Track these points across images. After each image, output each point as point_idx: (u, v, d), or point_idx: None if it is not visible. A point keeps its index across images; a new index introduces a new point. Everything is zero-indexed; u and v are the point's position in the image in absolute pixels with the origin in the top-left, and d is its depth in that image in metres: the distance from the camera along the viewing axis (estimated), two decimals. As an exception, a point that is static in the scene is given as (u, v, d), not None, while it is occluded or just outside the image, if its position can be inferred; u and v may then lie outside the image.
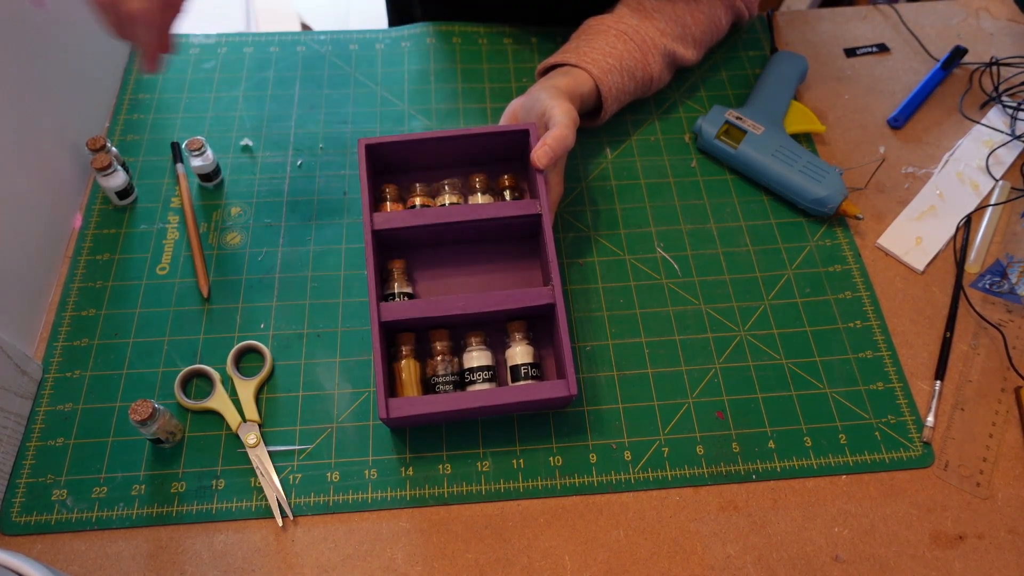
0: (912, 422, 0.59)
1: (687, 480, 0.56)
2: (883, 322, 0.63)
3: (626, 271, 0.66)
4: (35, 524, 0.53)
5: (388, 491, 0.55)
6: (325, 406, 0.59)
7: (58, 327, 0.62)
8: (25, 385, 0.57)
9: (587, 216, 0.69)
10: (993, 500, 0.56)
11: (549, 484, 0.56)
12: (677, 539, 0.54)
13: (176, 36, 0.55)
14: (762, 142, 0.69)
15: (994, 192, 0.71)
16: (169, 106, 0.75)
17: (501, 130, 0.62)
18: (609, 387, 0.60)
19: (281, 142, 0.73)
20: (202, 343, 0.61)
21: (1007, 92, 0.77)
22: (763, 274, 0.66)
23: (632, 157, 0.73)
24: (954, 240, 0.68)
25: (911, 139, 0.75)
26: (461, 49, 0.80)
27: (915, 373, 0.61)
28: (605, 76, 0.67)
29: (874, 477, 0.57)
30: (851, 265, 0.66)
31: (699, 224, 0.69)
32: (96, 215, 0.67)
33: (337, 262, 0.66)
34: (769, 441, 0.58)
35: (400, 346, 0.58)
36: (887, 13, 0.85)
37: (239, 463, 0.56)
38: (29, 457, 0.56)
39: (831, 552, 0.54)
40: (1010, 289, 0.64)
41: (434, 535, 0.54)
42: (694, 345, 0.62)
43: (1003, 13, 0.85)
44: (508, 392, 0.54)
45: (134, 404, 0.52)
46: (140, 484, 0.55)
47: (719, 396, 0.60)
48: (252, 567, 0.52)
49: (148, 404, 0.52)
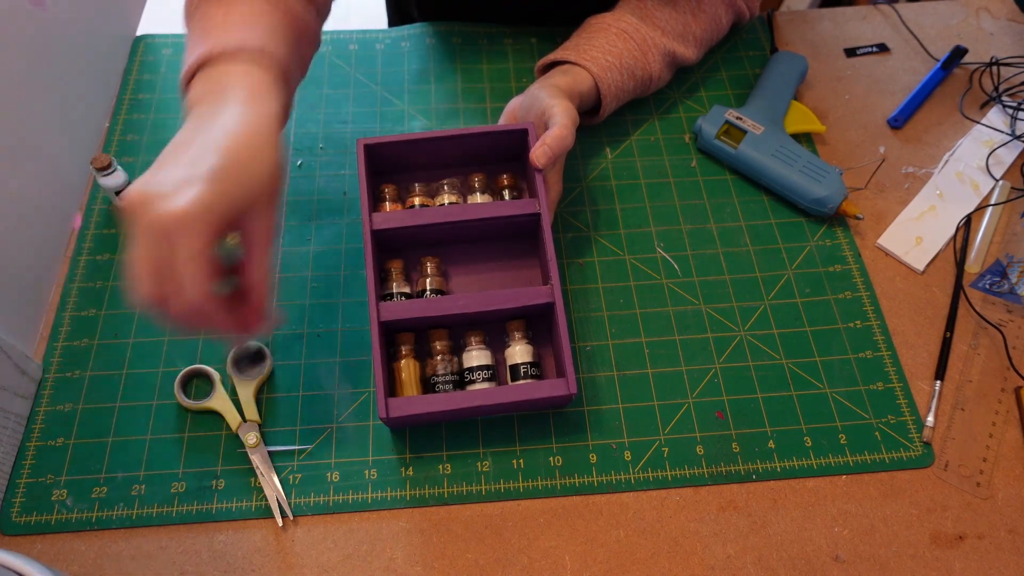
0: (912, 422, 0.59)
1: (687, 480, 0.56)
2: (883, 322, 0.63)
3: (626, 271, 0.66)
4: (35, 524, 0.53)
5: (388, 491, 0.55)
6: (325, 406, 0.59)
7: (58, 327, 0.62)
8: (25, 385, 0.57)
9: (587, 216, 0.69)
10: (993, 500, 0.56)
11: (549, 484, 0.56)
12: (677, 539, 0.54)
13: (269, 310, 0.46)
14: (762, 142, 0.69)
15: (994, 192, 0.71)
16: (169, 106, 0.75)
17: (500, 129, 0.62)
18: (609, 387, 0.60)
19: (281, 142, 0.73)
20: (202, 343, 0.61)
21: (1007, 92, 0.77)
22: (763, 274, 0.66)
23: (632, 157, 0.73)
24: (954, 240, 0.68)
25: (911, 139, 0.75)
26: (461, 49, 0.80)
27: (915, 373, 0.61)
28: (604, 74, 0.67)
29: (874, 477, 0.57)
30: (851, 265, 0.66)
31: (699, 224, 0.69)
32: (96, 215, 0.67)
33: (337, 262, 0.66)
34: (769, 441, 0.58)
35: (400, 346, 0.58)
36: (887, 13, 0.85)
37: (239, 463, 0.56)
38: (29, 457, 0.56)
39: (831, 552, 0.53)
40: (1010, 289, 0.64)
41: (434, 535, 0.54)
42: (694, 345, 0.62)
43: (1003, 13, 0.85)
44: (508, 391, 0.54)
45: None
46: (140, 484, 0.55)
47: (719, 396, 0.60)
48: (252, 567, 0.52)
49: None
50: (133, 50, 0.79)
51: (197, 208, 0.39)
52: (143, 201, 0.39)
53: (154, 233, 0.39)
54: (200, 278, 0.40)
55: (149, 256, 0.40)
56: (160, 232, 0.39)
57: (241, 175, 0.42)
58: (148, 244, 0.40)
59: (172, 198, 0.39)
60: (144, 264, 0.40)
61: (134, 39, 0.80)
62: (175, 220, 0.39)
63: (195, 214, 0.39)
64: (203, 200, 0.39)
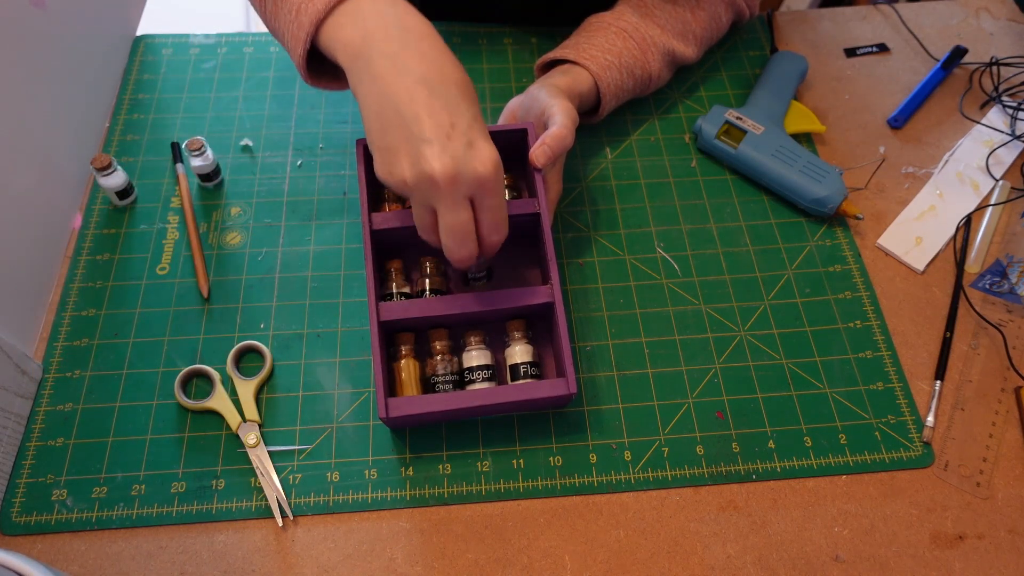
0: (912, 422, 0.59)
1: (687, 480, 0.56)
2: (883, 322, 0.63)
3: (626, 271, 0.66)
4: (35, 524, 0.53)
5: (388, 491, 0.55)
6: (325, 406, 0.59)
7: (58, 327, 0.62)
8: (25, 385, 0.57)
9: (587, 216, 0.69)
10: (993, 500, 0.56)
11: (549, 484, 0.56)
12: (677, 539, 0.54)
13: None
14: (762, 142, 0.69)
15: (994, 192, 0.71)
16: (169, 106, 0.75)
17: (499, 129, 0.62)
18: (609, 387, 0.60)
19: (281, 142, 0.73)
20: (202, 343, 0.61)
21: (1007, 92, 0.77)
22: (763, 274, 0.66)
23: (632, 157, 0.73)
24: (954, 240, 0.68)
25: (911, 139, 0.75)
26: (461, 49, 0.80)
27: (915, 373, 0.61)
28: (604, 73, 0.67)
29: (874, 477, 0.57)
30: (851, 265, 0.66)
31: (699, 224, 0.69)
32: (96, 215, 0.67)
33: (337, 262, 0.66)
34: (769, 441, 0.58)
35: (399, 346, 0.58)
36: (887, 13, 0.85)
37: (239, 463, 0.56)
38: (29, 457, 0.56)
39: (831, 552, 0.53)
40: (1010, 289, 0.64)
41: (434, 535, 0.54)
42: (694, 345, 0.62)
43: (1003, 13, 0.85)
44: (508, 391, 0.54)
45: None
46: (140, 484, 0.55)
47: (719, 396, 0.60)
48: (252, 567, 0.52)
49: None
50: (133, 50, 0.79)
51: (495, 168, 0.48)
52: (455, 173, 0.46)
53: (467, 195, 0.48)
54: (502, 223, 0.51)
55: (467, 216, 0.49)
56: (479, 191, 0.48)
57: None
58: (463, 206, 0.48)
59: (474, 163, 0.47)
60: (464, 223, 0.49)
61: (134, 39, 0.80)
62: (484, 180, 0.47)
63: (496, 173, 0.48)
64: (495, 158, 0.48)
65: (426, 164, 0.46)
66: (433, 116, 0.46)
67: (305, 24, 0.50)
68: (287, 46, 0.54)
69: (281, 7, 0.53)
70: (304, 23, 0.50)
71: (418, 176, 0.47)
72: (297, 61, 0.53)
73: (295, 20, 0.51)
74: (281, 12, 0.53)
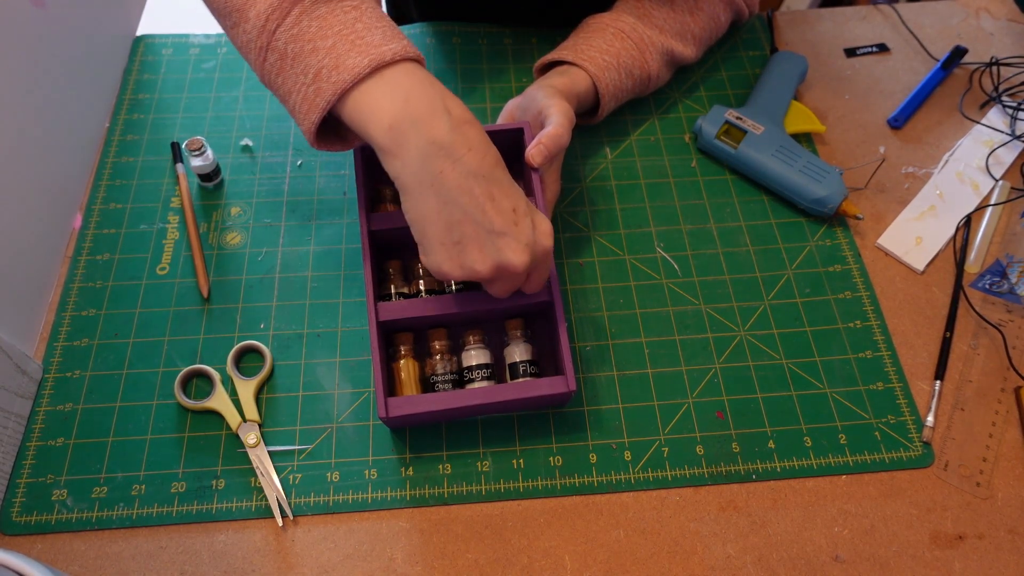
0: (912, 422, 0.59)
1: (687, 480, 0.56)
2: (883, 322, 0.63)
3: (626, 271, 0.66)
4: (35, 524, 0.54)
5: (388, 491, 0.55)
6: (325, 406, 0.59)
7: (58, 327, 0.62)
8: (25, 385, 0.57)
9: (586, 216, 0.69)
10: (993, 500, 0.56)
11: (549, 484, 0.56)
12: (677, 539, 0.54)
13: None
14: (762, 142, 0.69)
15: (994, 192, 0.71)
16: (169, 106, 0.75)
17: (495, 129, 0.62)
18: (609, 387, 0.60)
19: (281, 142, 0.73)
20: (202, 343, 0.61)
21: (1007, 92, 0.77)
22: (763, 274, 0.66)
23: (632, 157, 0.73)
24: (954, 240, 0.68)
25: (911, 139, 0.75)
26: (461, 49, 0.80)
27: (915, 373, 0.61)
28: (602, 74, 0.67)
29: (874, 477, 0.57)
30: (851, 265, 0.66)
31: (699, 224, 0.69)
32: (96, 215, 0.67)
33: (337, 262, 0.66)
34: (769, 441, 0.58)
35: (399, 346, 0.58)
36: (887, 13, 0.85)
37: (239, 463, 0.56)
38: (29, 457, 0.56)
39: (831, 552, 0.53)
40: (1010, 289, 0.64)
41: (434, 535, 0.54)
42: (694, 345, 0.62)
43: (1003, 13, 0.85)
44: (507, 389, 0.54)
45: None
46: (140, 484, 0.55)
47: (719, 396, 0.60)
48: (252, 567, 0.52)
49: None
50: (133, 50, 0.79)
51: (553, 237, 0.51)
52: (531, 259, 0.49)
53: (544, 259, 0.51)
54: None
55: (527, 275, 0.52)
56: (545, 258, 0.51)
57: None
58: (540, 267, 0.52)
59: (543, 242, 0.50)
60: (520, 284, 0.52)
61: (134, 39, 0.80)
62: (549, 251, 0.51)
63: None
64: (551, 228, 0.51)
65: (503, 257, 0.48)
66: (497, 206, 0.47)
67: (326, 91, 0.47)
68: (292, 107, 0.50)
69: (291, 66, 0.49)
70: (325, 89, 0.47)
71: (496, 269, 0.48)
72: (307, 127, 0.49)
73: (311, 84, 0.48)
74: (288, 71, 0.49)
